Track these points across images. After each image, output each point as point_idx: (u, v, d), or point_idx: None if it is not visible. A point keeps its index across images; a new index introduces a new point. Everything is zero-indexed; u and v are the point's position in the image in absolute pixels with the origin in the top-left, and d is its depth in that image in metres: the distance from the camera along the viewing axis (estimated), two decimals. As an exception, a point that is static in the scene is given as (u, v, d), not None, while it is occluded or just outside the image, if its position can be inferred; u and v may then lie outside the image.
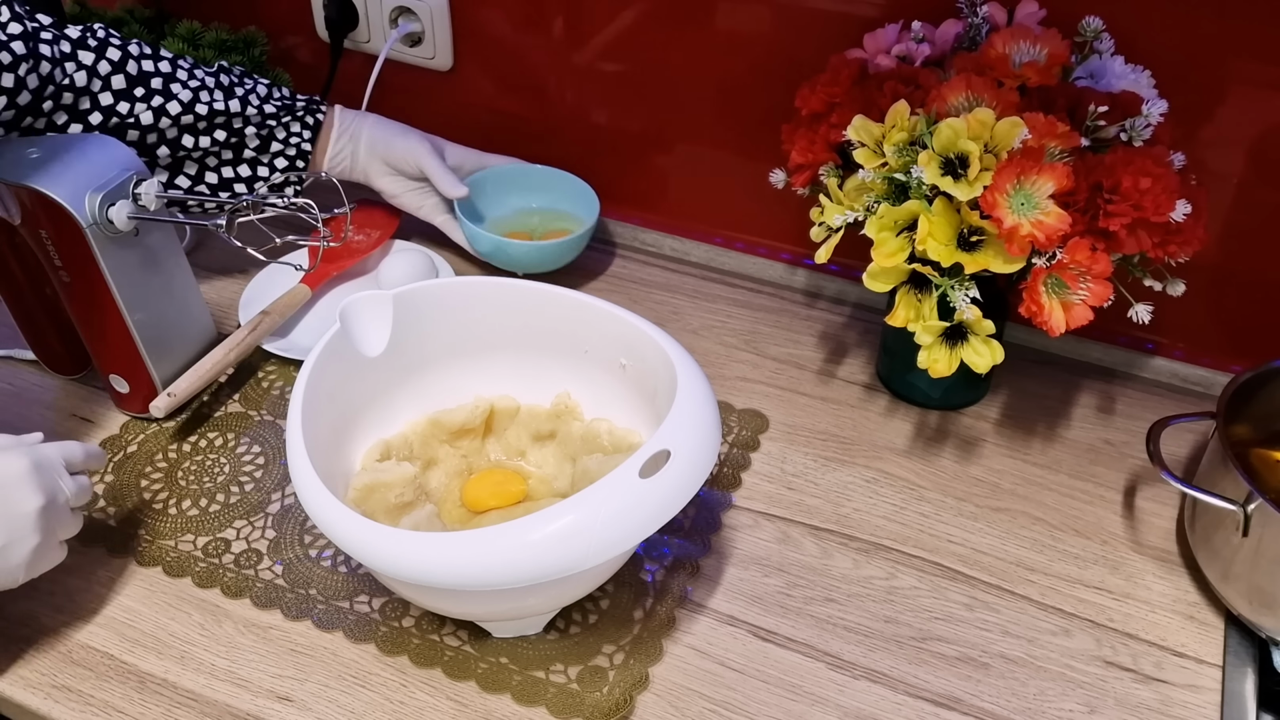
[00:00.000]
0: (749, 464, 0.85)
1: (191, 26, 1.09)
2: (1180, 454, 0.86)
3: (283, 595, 0.74)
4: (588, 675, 0.69)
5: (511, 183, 1.06)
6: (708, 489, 0.82)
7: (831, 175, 0.79)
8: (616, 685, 0.69)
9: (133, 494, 0.82)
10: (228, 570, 0.76)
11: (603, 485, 0.60)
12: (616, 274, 1.06)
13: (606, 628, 0.72)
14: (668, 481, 0.61)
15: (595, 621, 0.73)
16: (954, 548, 0.79)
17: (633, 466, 0.61)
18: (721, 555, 0.78)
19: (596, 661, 0.70)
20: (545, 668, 0.70)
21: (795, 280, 1.04)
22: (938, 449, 0.87)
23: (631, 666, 0.70)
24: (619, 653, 0.71)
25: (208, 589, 0.75)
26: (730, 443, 0.87)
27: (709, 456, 0.64)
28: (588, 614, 0.73)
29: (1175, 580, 0.77)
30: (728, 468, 0.85)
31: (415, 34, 1.06)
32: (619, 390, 0.77)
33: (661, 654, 0.71)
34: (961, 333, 0.74)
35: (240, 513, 0.81)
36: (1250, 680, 0.70)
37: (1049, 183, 0.69)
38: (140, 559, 0.77)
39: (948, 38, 0.81)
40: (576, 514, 0.59)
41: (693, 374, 0.69)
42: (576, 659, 0.70)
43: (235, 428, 0.87)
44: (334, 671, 0.70)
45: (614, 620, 0.73)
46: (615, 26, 0.99)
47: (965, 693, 0.69)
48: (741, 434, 0.88)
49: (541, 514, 0.59)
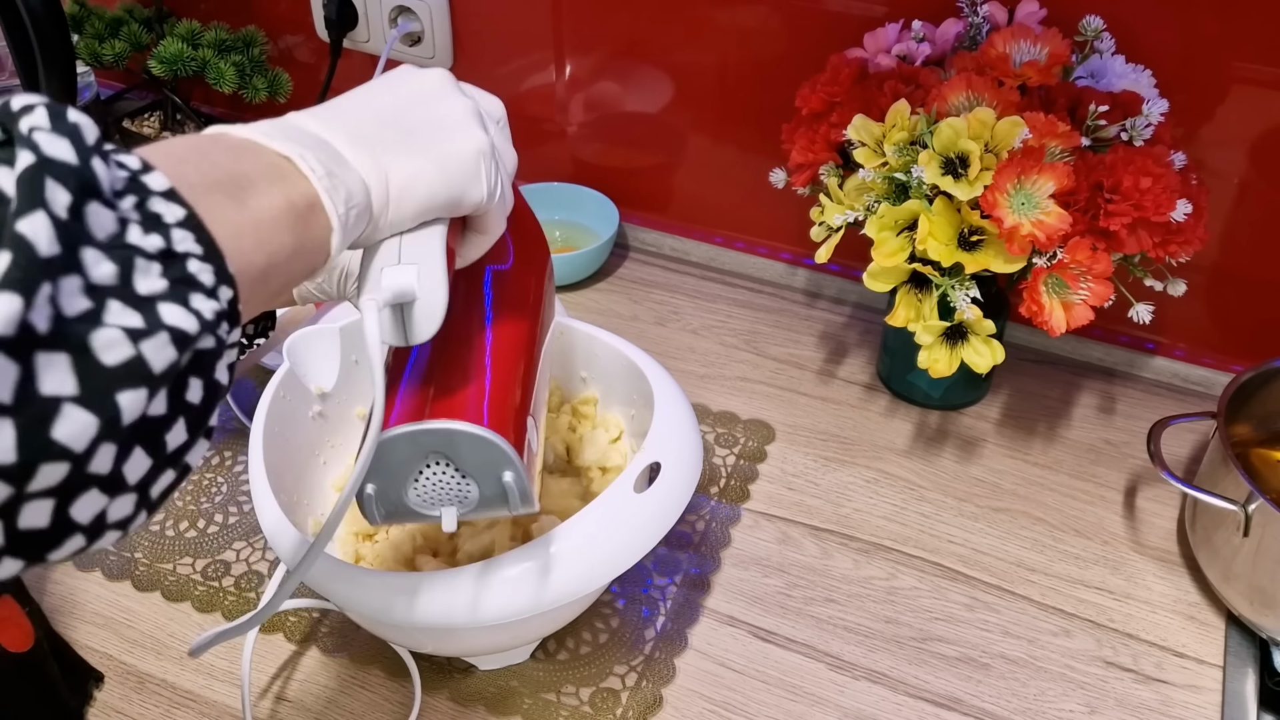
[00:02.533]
0: (756, 476, 0.84)
1: (191, 26, 1.09)
2: (1181, 454, 0.86)
3: (284, 619, 0.73)
4: (600, 698, 0.68)
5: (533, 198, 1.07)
6: (716, 502, 0.81)
7: (832, 175, 0.79)
8: (630, 708, 0.68)
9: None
10: (228, 594, 0.75)
11: (599, 504, 0.60)
12: (616, 274, 1.06)
13: (617, 648, 0.71)
14: (662, 493, 0.62)
15: (606, 641, 0.72)
16: (954, 548, 0.79)
17: (626, 482, 0.61)
18: (728, 549, 0.78)
19: (608, 683, 0.69)
20: (557, 690, 0.69)
21: (795, 280, 1.04)
22: (938, 449, 0.87)
23: (644, 688, 0.69)
24: (631, 673, 0.70)
25: (208, 613, 0.74)
26: (737, 454, 0.86)
27: (696, 464, 0.65)
28: (598, 633, 0.72)
29: (1176, 580, 0.77)
30: (734, 480, 0.84)
31: (415, 34, 1.06)
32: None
33: (674, 674, 0.70)
34: (962, 333, 0.74)
35: (239, 534, 0.79)
36: (1251, 680, 0.70)
37: (1049, 182, 0.68)
38: (138, 583, 0.76)
39: (948, 37, 0.81)
40: (577, 536, 0.59)
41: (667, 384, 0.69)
42: (588, 680, 0.69)
43: (232, 445, 0.86)
44: (334, 678, 0.70)
45: (625, 640, 0.72)
46: (615, 26, 0.99)
47: (966, 693, 0.69)
48: (748, 445, 0.87)
49: (543, 539, 0.59)
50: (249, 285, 0.37)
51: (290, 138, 0.42)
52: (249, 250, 0.37)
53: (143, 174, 0.34)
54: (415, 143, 0.46)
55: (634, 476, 0.61)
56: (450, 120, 0.48)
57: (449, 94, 0.49)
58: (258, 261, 0.38)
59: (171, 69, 1.06)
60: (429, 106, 0.48)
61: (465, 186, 0.47)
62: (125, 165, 0.33)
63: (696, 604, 0.74)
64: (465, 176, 0.47)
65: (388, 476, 0.51)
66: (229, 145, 0.40)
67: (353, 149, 0.44)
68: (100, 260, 0.31)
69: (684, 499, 0.63)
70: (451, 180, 0.46)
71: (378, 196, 0.44)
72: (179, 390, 0.33)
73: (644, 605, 0.74)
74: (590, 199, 1.06)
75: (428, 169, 0.46)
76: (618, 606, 0.73)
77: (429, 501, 0.52)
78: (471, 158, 0.47)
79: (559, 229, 1.07)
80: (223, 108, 1.22)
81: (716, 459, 0.85)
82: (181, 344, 0.32)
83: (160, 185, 0.34)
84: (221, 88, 1.07)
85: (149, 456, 0.33)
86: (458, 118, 0.48)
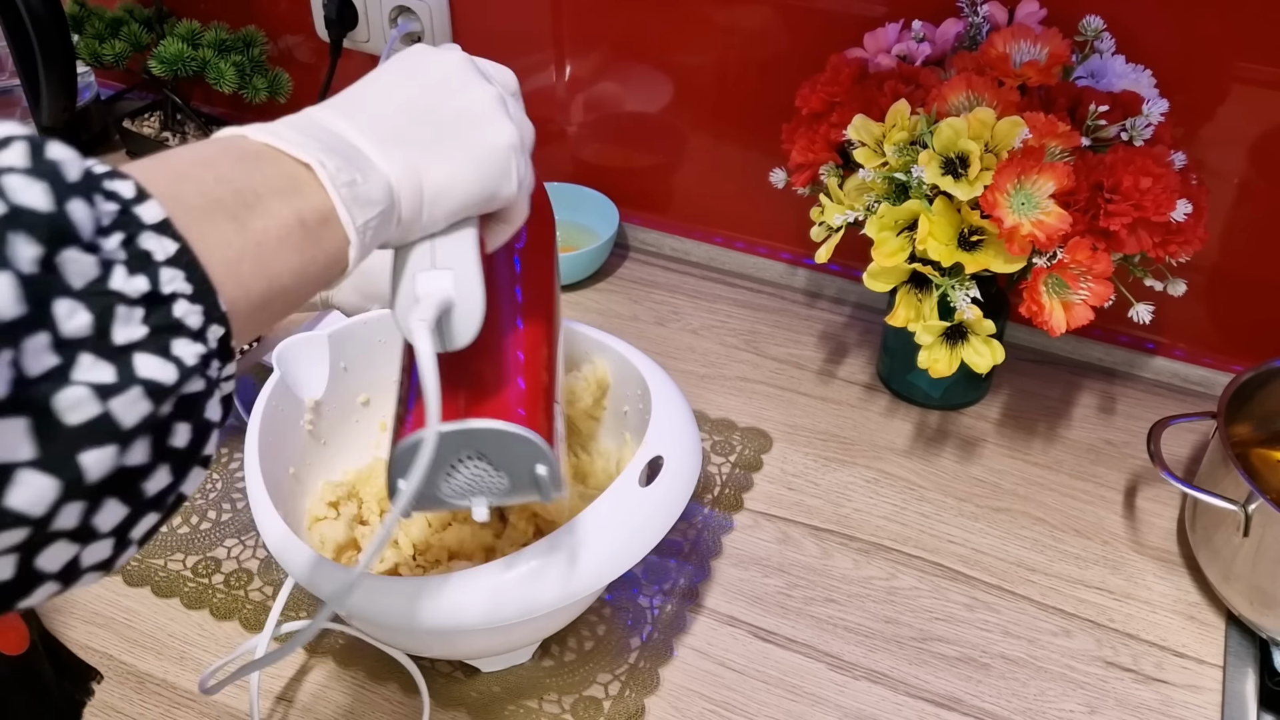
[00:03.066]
0: (751, 485, 0.83)
1: (191, 26, 1.09)
2: (1181, 454, 0.86)
3: None
4: (582, 706, 0.68)
5: None
6: (709, 510, 0.81)
7: (832, 175, 0.79)
8: (612, 718, 0.67)
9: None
10: (217, 591, 0.75)
11: (605, 500, 0.60)
12: (616, 274, 1.06)
13: (602, 656, 0.71)
14: (666, 487, 0.62)
15: (591, 649, 0.71)
16: (954, 548, 0.79)
17: (631, 477, 0.61)
18: (722, 556, 0.78)
19: (591, 692, 0.68)
20: (539, 697, 0.68)
21: (795, 280, 1.04)
22: (938, 449, 0.87)
23: (627, 698, 0.68)
24: (614, 682, 0.69)
25: (196, 610, 0.74)
26: (733, 462, 0.85)
27: (697, 457, 0.65)
28: (583, 640, 0.71)
29: (1176, 580, 0.77)
30: (729, 488, 0.83)
31: (415, 34, 1.06)
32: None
33: (658, 684, 0.69)
34: (962, 333, 0.74)
35: (232, 531, 0.79)
36: (1251, 680, 0.70)
37: (1049, 182, 0.68)
38: (128, 578, 0.76)
39: (948, 37, 0.81)
40: (581, 533, 0.59)
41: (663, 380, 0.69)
42: (571, 688, 0.68)
43: (228, 442, 0.85)
44: (329, 679, 0.70)
45: (610, 648, 0.71)
46: (615, 26, 0.99)
47: (966, 693, 0.69)
48: (744, 454, 0.86)
49: (548, 538, 0.59)
50: (246, 314, 0.36)
51: (311, 141, 0.40)
52: (248, 277, 0.36)
53: (136, 204, 0.32)
54: (448, 142, 0.44)
55: (638, 470, 0.61)
56: (478, 112, 0.46)
57: (473, 81, 0.47)
58: (257, 288, 0.36)
59: (171, 69, 1.06)
60: (456, 98, 0.46)
61: (498, 183, 0.46)
62: (117, 195, 0.32)
63: (684, 614, 0.73)
64: (498, 174, 0.45)
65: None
66: (241, 153, 0.39)
67: (382, 150, 0.42)
68: (75, 311, 0.29)
69: (687, 492, 0.63)
70: (485, 179, 0.45)
71: (410, 200, 0.43)
72: (162, 437, 0.32)
73: (631, 614, 0.73)
74: (590, 199, 1.06)
75: (464, 170, 0.44)
76: (605, 614, 0.73)
77: (461, 493, 0.52)
78: (503, 153, 0.46)
79: (559, 229, 1.07)
80: (223, 108, 1.22)
81: (712, 467, 0.85)
82: (158, 396, 0.31)
83: (153, 217, 0.32)
84: (221, 88, 1.07)
85: (125, 505, 0.32)
86: (486, 109, 0.46)
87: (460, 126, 0.45)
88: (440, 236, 0.46)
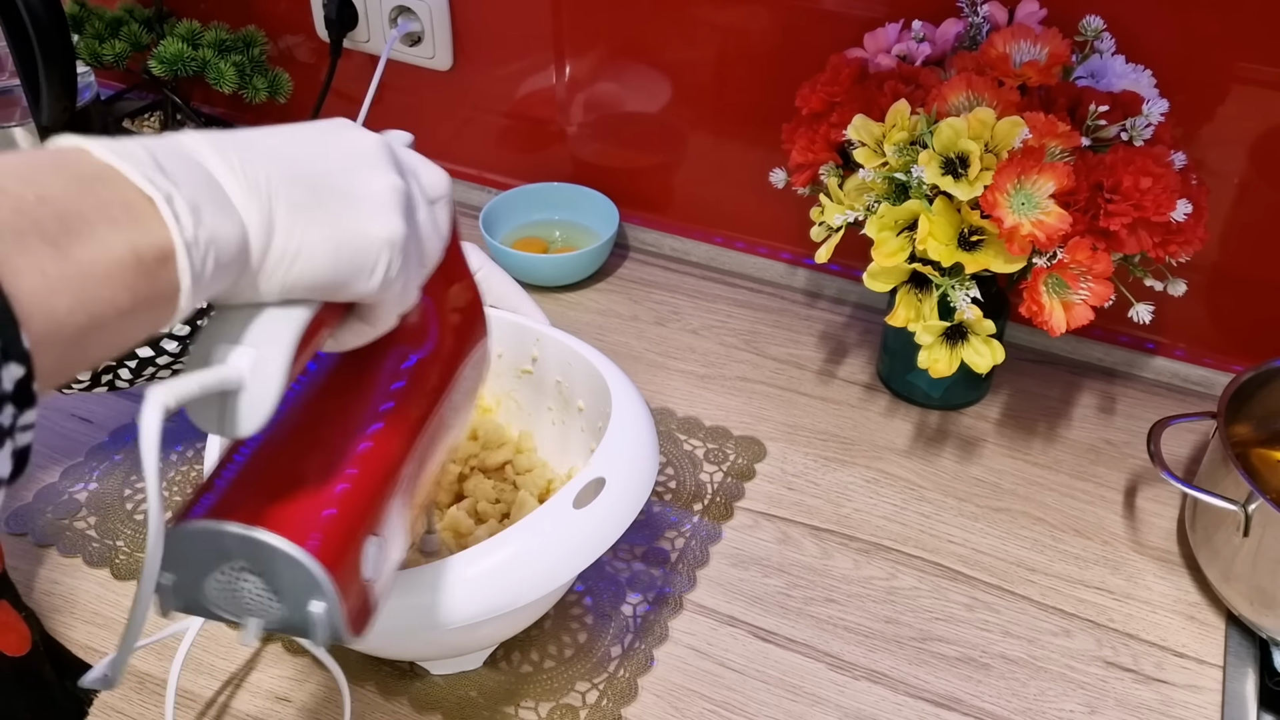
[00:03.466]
0: (743, 494, 0.83)
1: (191, 26, 1.09)
2: (1181, 454, 0.86)
3: None
4: (558, 714, 0.67)
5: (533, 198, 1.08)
6: (698, 519, 0.80)
7: (832, 175, 0.79)
8: None
9: (116, 505, 0.81)
10: None
11: (536, 517, 0.59)
12: (616, 274, 1.06)
13: (582, 663, 0.70)
14: (603, 510, 0.60)
15: (571, 656, 0.70)
16: (954, 548, 0.79)
17: (566, 497, 0.60)
18: (721, 556, 0.78)
19: (569, 699, 0.68)
20: (515, 703, 0.67)
21: (795, 280, 1.04)
22: (938, 449, 0.87)
23: (604, 707, 0.67)
24: (593, 691, 0.68)
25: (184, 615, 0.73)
26: (725, 471, 0.84)
27: (646, 483, 0.63)
28: (563, 648, 0.71)
29: (1176, 580, 0.77)
30: (720, 497, 0.82)
31: (415, 33, 1.06)
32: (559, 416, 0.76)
33: (636, 694, 0.68)
34: (962, 333, 0.74)
35: None
36: (1251, 680, 0.70)
37: (1049, 182, 0.68)
38: (117, 572, 0.76)
39: (948, 37, 0.81)
40: (511, 548, 0.58)
41: (629, 396, 0.68)
42: (548, 695, 0.68)
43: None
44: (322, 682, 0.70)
45: (590, 656, 0.70)
46: (615, 26, 0.99)
47: (966, 693, 0.69)
48: (737, 462, 0.85)
49: (477, 549, 0.58)
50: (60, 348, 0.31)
51: (164, 171, 0.35)
52: (64, 311, 0.31)
53: None
54: (316, 212, 0.39)
55: (575, 491, 0.60)
56: (365, 195, 0.41)
57: (379, 168, 0.43)
58: (75, 322, 0.31)
59: (171, 69, 1.06)
60: (350, 176, 0.42)
61: (353, 275, 0.41)
62: None
63: (666, 623, 0.73)
64: (358, 264, 0.41)
65: (185, 570, 0.43)
66: (78, 172, 0.33)
67: (246, 195, 0.37)
68: None
69: (629, 516, 0.61)
70: (340, 264, 0.40)
71: (255, 257, 0.38)
72: None
73: (613, 622, 0.73)
74: (590, 199, 1.06)
75: (319, 245, 0.39)
76: (587, 622, 0.72)
77: (231, 607, 0.44)
78: (373, 244, 0.41)
79: (559, 229, 1.07)
80: (223, 108, 1.22)
81: (704, 475, 0.84)
82: None
83: None
84: (221, 88, 1.07)
85: None
86: (377, 196, 0.42)
87: (339, 203, 0.40)
88: (266, 309, 0.40)
